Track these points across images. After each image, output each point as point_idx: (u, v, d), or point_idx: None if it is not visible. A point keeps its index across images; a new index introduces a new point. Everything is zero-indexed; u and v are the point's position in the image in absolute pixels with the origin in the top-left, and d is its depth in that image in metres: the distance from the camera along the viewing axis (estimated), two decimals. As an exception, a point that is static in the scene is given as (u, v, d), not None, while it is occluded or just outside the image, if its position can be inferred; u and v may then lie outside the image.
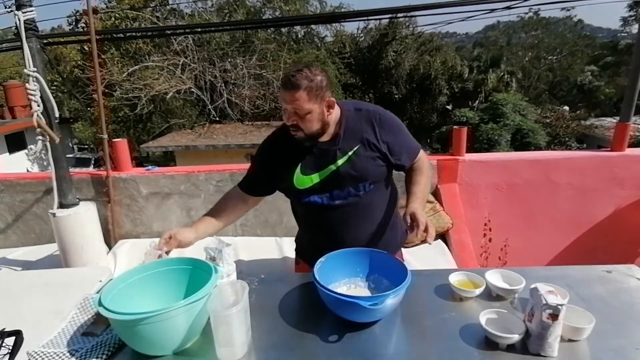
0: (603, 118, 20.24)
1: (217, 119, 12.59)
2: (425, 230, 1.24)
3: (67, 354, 0.99)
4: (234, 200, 1.50)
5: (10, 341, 1.04)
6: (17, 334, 1.06)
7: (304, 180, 1.38)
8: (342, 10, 15.99)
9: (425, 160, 1.53)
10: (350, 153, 1.36)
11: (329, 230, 1.44)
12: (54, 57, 14.37)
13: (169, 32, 9.97)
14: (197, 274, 1.11)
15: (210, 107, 11.89)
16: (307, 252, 1.58)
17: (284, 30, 14.29)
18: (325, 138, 1.37)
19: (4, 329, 1.08)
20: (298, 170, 1.38)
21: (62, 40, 8.90)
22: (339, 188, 1.38)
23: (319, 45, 16.47)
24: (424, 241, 2.47)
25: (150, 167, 3.07)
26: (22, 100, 14.07)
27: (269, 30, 13.01)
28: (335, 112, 1.36)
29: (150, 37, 11.22)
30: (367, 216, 1.44)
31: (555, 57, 28.66)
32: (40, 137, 2.38)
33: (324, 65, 15.08)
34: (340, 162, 1.36)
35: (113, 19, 12.10)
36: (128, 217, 2.98)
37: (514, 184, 2.86)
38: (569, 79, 27.41)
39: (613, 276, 1.30)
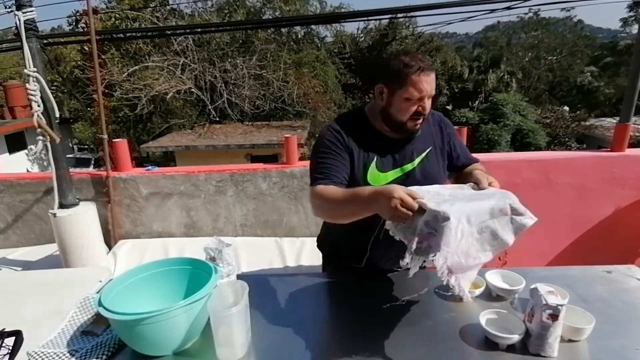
0: (603, 118, 20.25)
1: (217, 119, 12.58)
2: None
3: (67, 354, 0.99)
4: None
5: (10, 341, 1.04)
6: (17, 334, 1.05)
7: (379, 176, 1.28)
8: (342, 10, 16.02)
9: None
10: (423, 155, 1.33)
11: (387, 232, 1.36)
12: (54, 57, 14.38)
13: (169, 32, 9.97)
14: (197, 274, 1.11)
15: (210, 107, 11.89)
16: (343, 257, 1.46)
17: (284, 30, 14.30)
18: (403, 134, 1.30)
19: (4, 329, 1.07)
20: (374, 165, 1.28)
21: (62, 40, 8.91)
22: None
23: (319, 45, 16.48)
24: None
25: (150, 167, 3.07)
26: (22, 100, 14.07)
27: (269, 31, 13.02)
28: None
29: (150, 37, 11.22)
30: None
31: (555, 58, 28.69)
32: (40, 137, 2.38)
33: (324, 65, 15.12)
34: (416, 161, 1.32)
35: (113, 19, 12.09)
36: (128, 217, 2.98)
37: (514, 184, 2.86)
38: (568, 80, 27.44)
39: (613, 276, 1.30)
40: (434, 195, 1.05)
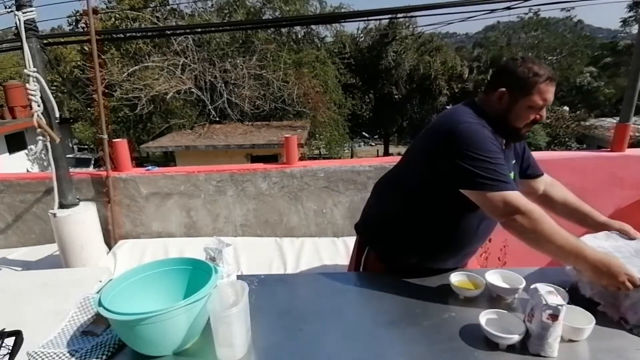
0: (603, 118, 20.28)
1: (217, 119, 12.59)
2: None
3: (67, 354, 0.99)
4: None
5: (10, 341, 1.04)
6: (17, 334, 1.05)
7: None
8: (342, 10, 16.01)
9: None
10: (513, 162, 1.38)
11: (482, 235, 1.36)
12: (54, 57, 14.41)
13: (169, 32, 9.97)
14: (197, 274, 1.11)
15: (210, 107, 11.89)
16: (407, 253, 1.40)
17: (284, 30, 14.30)
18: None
19: (4, 329, 1.07)
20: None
21: (62, 40, 8.91)
22: None
23: (319, 45, 16.48)
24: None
25: (150, 167, 3.07)
26: (22, 101, 14.06)
27: (269, 31, 13.01)
28: None
29: (150, 38, 11.22)
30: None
31: (555, 58, 28.67)
32: (40, 138, 2.38)
33: (324, 65, 15.12)
34: (515, 169, 1.37)
35: (113, 19, 12.09)
36: (128, 217, 2.98)
37: (514, 184, 2.85)
38: (568, 80, 27.43)
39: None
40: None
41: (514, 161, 1.39)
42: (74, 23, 14.26)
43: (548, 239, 1.12)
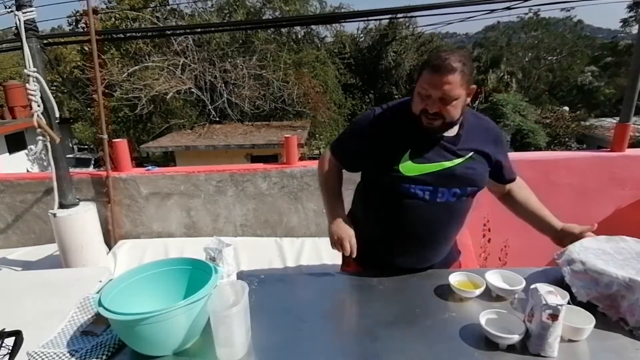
0: (603, 118, 20.27)
1: (217, 119, 12.59)
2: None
3: (67, 354, 0.99)
4: (339, 175, 1.58)
5: (10, 341, 1.04)
6: (17, 334, 1.05)
7: (412, 167, 1.28)
8: (342, 10, 16.01)
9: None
10: (467, 156, 1.33)
11: (414, 226, 1.35)
12: (54, 57, 14.41)
13: (169, 32, 9.98)
14: (197, 274, 1.10)
15: (210, 107, 11.90)
16: (369, 249, 1.43)
17: (284, 30, 14.30)
18: (450, 133, 1.30)
19: (4, 329, 1.07)
20: (407, 155, 1.28)
21: (62, 40, 8.90)
22: (446, 186, 1.30)
23: (319, 45, 16.48)
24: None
25: (150, 167, 3.07)
26: (22, 101, 14.09)
27: (269, 31, 13.02)
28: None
29: (150, 38, 11.23)
30: (454, 222, 1.39)
31: (555, 58, 28.68)
32: (40, 138, 2.38)
33: (324, 65, 15.11)
34: (457, 161, 1.31)
35: (113, 19, 12.10)
36: (128, 217, 2.98)
37: (514, 184, 2.85)
38: (568, 80, 27.43)
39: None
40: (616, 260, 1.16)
41: (472, 154, 1.33)
42: (74, 23, 14.26)
43: (320, 175, 1.54)
